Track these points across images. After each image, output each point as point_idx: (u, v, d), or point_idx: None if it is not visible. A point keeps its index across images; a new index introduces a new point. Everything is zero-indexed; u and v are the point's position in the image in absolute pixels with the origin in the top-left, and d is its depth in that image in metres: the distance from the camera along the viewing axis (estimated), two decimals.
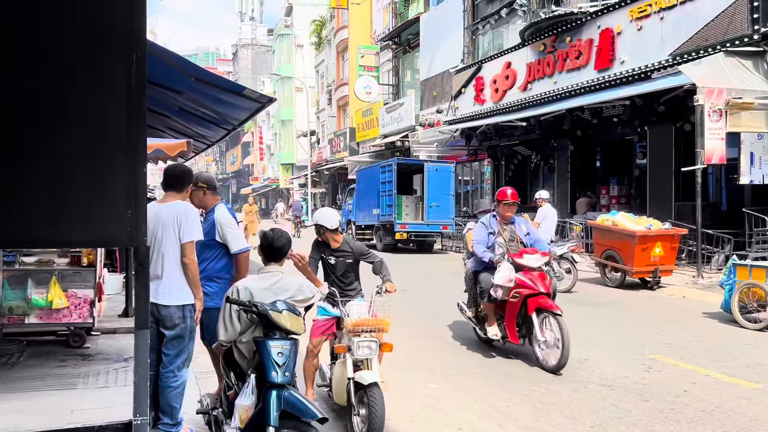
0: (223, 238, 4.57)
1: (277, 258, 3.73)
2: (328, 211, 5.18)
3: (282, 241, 3.73)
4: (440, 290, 11.30)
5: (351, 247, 5.10)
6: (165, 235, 4.09)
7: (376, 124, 29.59)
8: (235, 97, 12.54)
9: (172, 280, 4.13)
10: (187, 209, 4.22)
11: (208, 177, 5.31)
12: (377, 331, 4.48)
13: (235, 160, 72.51)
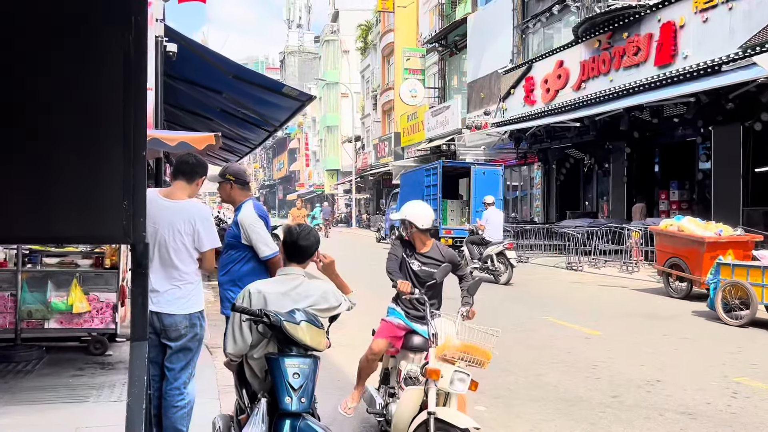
0: (248, 240, 4.02)
1: (301, 259, 3.13)
2: (420, 207, 4.37)
3: (309, 240, 3.13)
4: (494, 298, 10.56)
5: (443, 255, 4.31)
6: (172, 238, 3.56)
7: (422, 129, 28.96)
8: (275, 96, 12.14)
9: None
10: (203, 213, 3.72)
11: (237, 169, 4.76)
12: (476, 364, 3.54)
13: (282, 167, 72.91)
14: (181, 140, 6.06)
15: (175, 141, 6.02)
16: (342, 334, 7.79)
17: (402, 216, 4.33)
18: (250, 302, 2.99)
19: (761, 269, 8.20)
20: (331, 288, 3.14)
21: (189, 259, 3.59)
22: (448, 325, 3.85)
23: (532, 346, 7.08)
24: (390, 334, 4.23)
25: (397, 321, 4.24)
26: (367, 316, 8.86)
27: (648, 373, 5.91)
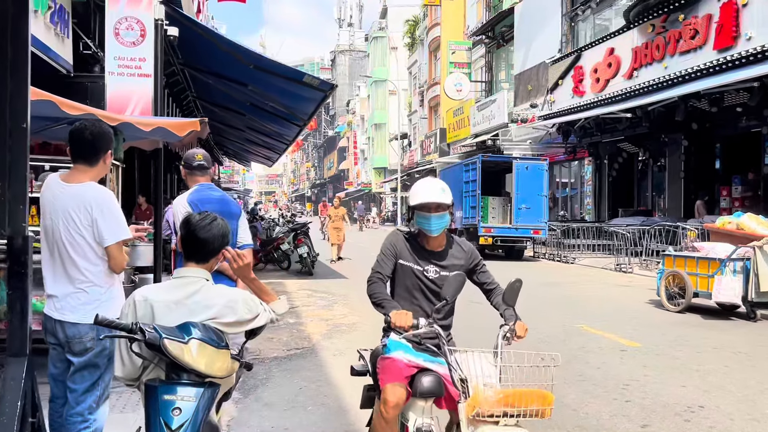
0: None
1: (201, 257, 2.46)
2: (427, 183, 3.17)
3: (211, 232, 2.44)
4: (531, 303, 9.69)
5: (464, 250, 3.25)
6: (67, 229, 2.96)
7: (467, 124, 28.04)
8: (297, 86, 11.57)
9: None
10: (102, 198, 3.01)
11: (186, 154, 4.26)
12: (534, 415, 2.42)
13: (332, 166, 72.96)
14: (159, 125, 5.52)
15: (150, 126, 5.48)
16: (345, 339, 7.21)
17: (409, 203, 3.16)
18: (135, 313, 2.35)
19: (695, 259, 8.97)
20: (243, 296, 2.45)
21: (93, 255, 2.98)
22: (481, 361, 2.69)
23: None
24: (402, 375, 2.91)
25: (407, 357, 2.96)
26: (378, 323, 7.98)
27: (689, 396, 5.00)
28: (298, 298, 10.43)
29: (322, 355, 6.48)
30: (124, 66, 7.47)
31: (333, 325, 8.04)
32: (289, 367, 5.99)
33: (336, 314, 8.87)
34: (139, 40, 7.50)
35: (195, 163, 4.19)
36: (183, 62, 12.90)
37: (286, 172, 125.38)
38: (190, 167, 4.19)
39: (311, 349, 6.73)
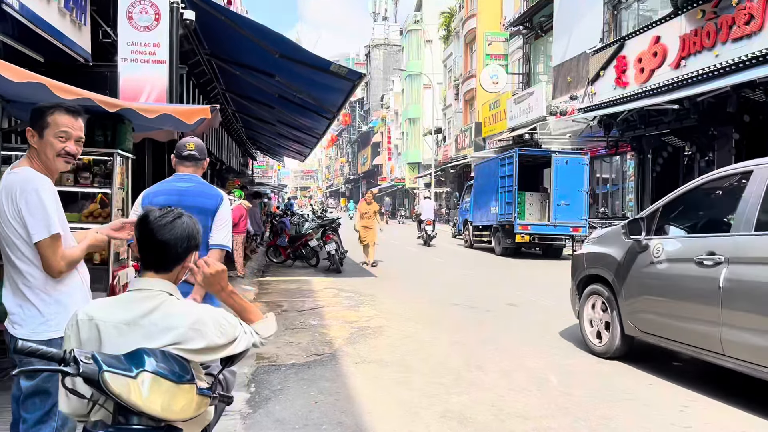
0: None
1: (162, 264, 1.96)
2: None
3: (173, 233, 1.95)
4: (562, 306, 9.04)
5: None
6: (2, 224, 2.50)
7: (504, 117, 27.22)
8: (325, 76, 11.07)
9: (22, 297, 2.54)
10: (26, 180, 2.53)
11: (182, 141, 3.80)
12: None
13: (366, 161, 72.55)
14: (164, 112, 5.07)
15: (155, 113, 5.03)
16: (369, 345, 6.69)
17: None
18: (78, 336, 1.86)
19: None
20: (216, 315, 1.93)
21: (34, 256, 2.51)
22: None
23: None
24: None
25: None
26: (405, 326, 7.39)
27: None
28: (324, 298, 9.96)
29: (343, 362, 5.97)
30: (137, 52, 7.09)
31: (357, 329, 7.53)
32: (307, 376, 5.50)
33: (362, 316, 8.36)
34: (153, 25, 7.10)
35: (185, 152, 3.72)
36: (210, 53, 12.55)
37: (321, 167, 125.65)
38: (180, 156, 3.72)
39: (332, 356, 6.23)
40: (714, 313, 4.81)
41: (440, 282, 12.02)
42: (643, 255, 5.78)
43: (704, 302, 4.95)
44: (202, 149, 3.80)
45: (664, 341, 5.54)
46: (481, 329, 7.55)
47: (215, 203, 3.62)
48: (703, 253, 5.00)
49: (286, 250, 14.78)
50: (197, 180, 3.71)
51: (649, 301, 5.70)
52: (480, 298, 9.90)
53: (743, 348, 4.58)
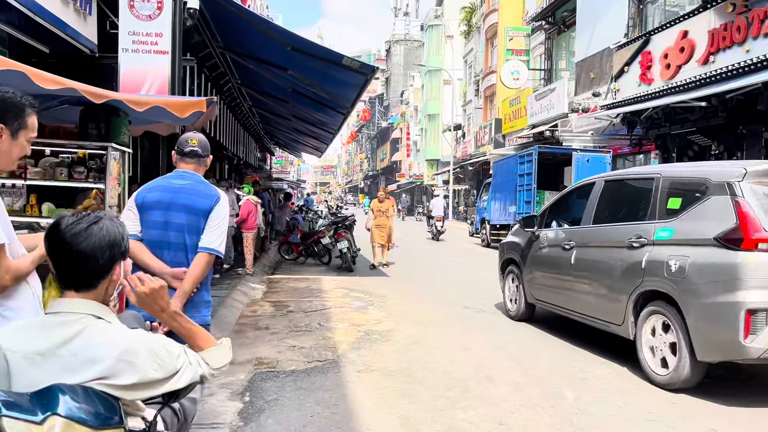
0: None
1: (82, 281, 1.64)
2: None
3: (89, 241, 1.63)
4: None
5: None
6: None
7: (524, 114, 26.69)
8: (338, 70, 10.76)
9: None
10: None
11: (184, 137, 3.56)
12: None
13: (385, 157, 72.17)
14: (156, 104, 4.78)
15: (145, 105, 4.74)
16: (374, 352, 6.34)
17: None
18: None
19: None
20: (152, 343, 1.62)
21: None
22: None
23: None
24: None
25: None
26: (415, 331, 7.18)
27: None
28: (332, 298, 9.66)
29: (346, 371, 5.65)
30: (139, 42, 6.83)
31: (364, 333, 7.21)
32: (305, 385, 5.19)
33: (370, 319, 8.04)
34: (155, 14, 6.83)
35: (187, 148, 3.44)
36: (223, 46, 12.30)
37: (341, 163, 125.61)
38: (181, 152, 3.45)
39: (334, 363, 5.92)
40: (569, 283, 6.84)
41: (454, 282, 11.66)
42: (536, 242, 7.71)
43: (564, 275, 6.93)
44: (206, 146, 3.51)
45: (547, 305, 7.44)
46: (492, 335, 7.18)
47: (209, 204, 3.34)
48: (565, 240, 6.96)
49: (298, 247, 14.51)
50: (195, 178, 3.42)
51: (538, 277, 7.61)
52: (493, 301, 9.51)
53: (583, 305, 6.58)
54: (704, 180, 5.42)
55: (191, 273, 3.24)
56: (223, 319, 7.52)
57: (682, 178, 5.87)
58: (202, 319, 3.33)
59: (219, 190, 3.45)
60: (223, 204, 3.38)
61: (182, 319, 1.77)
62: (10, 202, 5.85)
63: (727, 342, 4.80)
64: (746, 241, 4.83)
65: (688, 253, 5.17)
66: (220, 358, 1.79)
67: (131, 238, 3.38)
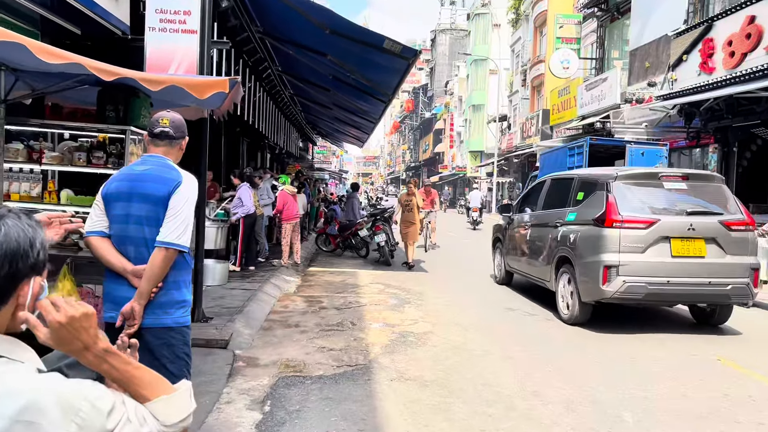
0: None
1: None
2: None
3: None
4: (636, 314, 7.94)
5: None
6: None
7: (573, 105, 25.68)
8: (379, 55, 10.24)
9: None
10: None
11: (155, 116, 3.09)
12: None
13: (427, 148, 71.35)
14: (172, 83, 4.34)
15: (160, 84, 4.31)
16: (409, 357, 5.75)
17: None
18: None
19: None
20: (69, 394, 1.13)
21: None
22: None
23: (692, 403, 4.59)
24: None
25: None
26: (453, 333, 6.72)
27: None
28: (368, 294, 9.20)
29: (377, 378, 5.17)
30: (166, 21, 6.43)
31: (399, 335, 6.72)
32: (332, 394, 4.73)
33: (405, 319, 7.54)
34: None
35: (157, 128, 3.00)
36: (262, 31, 11.92)
37: (383, 154, 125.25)
38: (151, 133, 3.02)
39: (366, 368, 5.44)
40: (526, 254, 9.25)
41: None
42: (511, 224, 10.24)
43: (524, 248, 9.36)
44: (179, 126, 3.05)
45: (516, 272, 9.98)
46: (540, 343, 6.58)
47: (167, 189, 2.87)
48: (525, 222, 9.49)
49: (335, 239, 14.10)
50: (160, 162, 2.97)
51: (510, 250, 10.13)
52: (541, 302, 8.90)
53: (533, 269, 8.96)
54: (595, 180, 7.77)
55: (147, 272, 2.81)
56: (251, 315, 7.14)
57: (587, 178, 8.13)
58: (176, 321, 2.92)
59: (185, 173, 2.96)
60: (186, 189, 2.89)
61: (116, 360, 1.28)
62: (28, 188, 5.56)
63: (594, 288, 7.10)
64: (608, 221, 7.13)
65: (580, 230, 7.59)
66: (175, 411, 1.30)
67: (96, 235, 2.96)
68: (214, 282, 8.84)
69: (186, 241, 2.85)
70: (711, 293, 7.13)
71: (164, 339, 2.89)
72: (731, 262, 7.11)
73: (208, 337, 6.00)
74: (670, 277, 6.98)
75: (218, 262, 9.25)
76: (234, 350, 5.86)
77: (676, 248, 7.06)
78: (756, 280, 7.22)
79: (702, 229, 7.12)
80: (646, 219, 7.06)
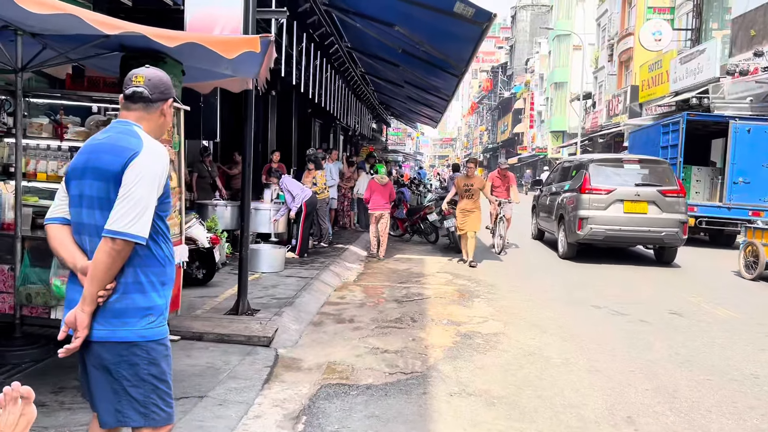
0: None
1: None
2: None
3: None
4: (752, 318, 6.75)
5: None
6: None
7: (666, 80, 23.69)
8: (450, 21, 9.29)
9: None
10: None
11: (129, 74, 2.36)
12: None
13: (506, 129, 69.12)
14: (190, 40, 3.65)
15: (175, 40, 3.61)
16: (474, 366, 4.77)
17: None
18: None
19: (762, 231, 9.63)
20: None
21: None
22: None
23: None
24: None
25: None
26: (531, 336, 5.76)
27: None
28: (433, 285, 8.39)
29: (435, 391, 4.38)
30: None
31: (464, 335, 5.89)
32: (379, 411, 3.98)
33: (473, 316, 6.68)
34: None
35: (128, 88, 2.32)
36: (328, 3, 11.25)
37: (460, 136, 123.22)
38: (124, 95, 2.32)
39: (422, 378, 4.66)
40: (546, 215, 12.73)
41: (578, 272, 9.98)
42: (541, 195, 13.84)
43: (545, 210, 12.92)
44: (158, 84, 2.34)
45: (542, 228, 13.67)
46: (634, 352, 5.57)
47: (120, 162, 2.18)
48: (546, 193, 13.24)
49: (403, 223, 13.34)
50: (124, 128, 2.28)
51: (540, 214, 13.68)
52: (630, 299, 7.83)
53: (548, 226, 12.77)
54: (582, 163, 11.62)
55: (90, 270, 2.15)
56: (302, 308, 6.50)
57: (578, 162, 12.05)
58: (138, 334, 2.23)
59: (149, 143, 2.24)
60: (143, 162, 2.17)
61: None
62: (55, 166, 5.08)
63: (573, 233, 10.73)
64: (583, 189, 10.75)
65: (570, 196, 11.09)
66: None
67: (56, 223, 2.34)
68: (271, 269, 8.30)
69: (140, 229, 2.14)
70: (650, 238, 10.80)
71: (123, 356, 2.22)
72: (665, 218, 10.60)
73: (249, 333, 5.38)
74: (622, 226, 10.63)
75: (274, 247, 8.70)
76: (277, 349, 5.22)
77: (627, 207, 10.68)
78: (685, 230, 10.75)
79: (645, 194, 10.71)
80: (607, 188, 10.72)
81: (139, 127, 2.30)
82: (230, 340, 5.30)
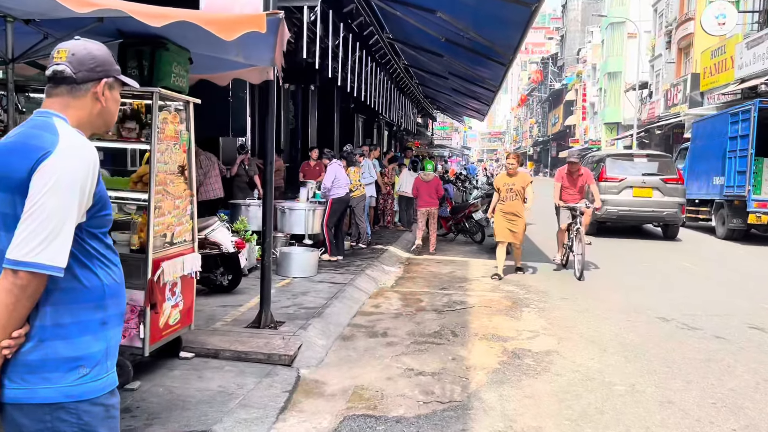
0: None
1: None
2: None
3: None
4: None
5: None
6: None
7: (730, 66, 22.20)
8: (496, 4, 8.59)
9: None
10: None
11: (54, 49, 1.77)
12: None
13: (557, 121, 67.17)
14: (180, 18, 3.10)
15: (162, 18, 3.06)
16: (523, 394, 3.82)
17: None
18: None
19: None
20: None
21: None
22: None
23: None
24: None
25: None
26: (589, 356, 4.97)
27: None
28: (478, 291, 7.70)
29: (476, 428, 3.72)
30: None
31: (512, 354, 5.19)
32: None
33: (522, 329, 5.97)
34: None
35: (49, 67, 1.77)
36: None
37: (509, 129, 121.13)
38: (47, 77, 1.77)
39: (462, 409, 4.01)
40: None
41: (640, 276, 9.10)
42: None
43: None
44: (85, 59, 1.77)
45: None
46: (712, 378, 4.76)
47: (27, 165, 1.62)
48: None
49: (447, 221, 12.65)
50: (40, 122, 1.72)
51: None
52: (701, 309, 6.97)
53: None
54: (600, 157, 14.83)
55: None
56: (330, 319, 5.92)
57: (599, 157, 15.05)
58: (64, 393, 1.67)
59: (67, 139, 1.67)
60: (55, 165, 1.60)
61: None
62: None
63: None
64: (600, 178, 13.32)
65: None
66: None
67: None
68: (303, 273, 7.77)
69: (51, 256, 1.58)
70: (654, 216, 13.49)
71: (46, 422, 1.66)
72: (667, 200, 13.15)
73: (270, 350, 4.83)
74: (631, 207, 13.23)
75: (306, 250, 8.16)
76: (299, 369, 4.66)
77: (636, 192, 13.28)
78: (683, 210, 13.48)
79: (650, 182, 13.28)
80: (620, 177, 13.37)
81: (62, 118, 1.74)
82: (248, 359, 4.76)
